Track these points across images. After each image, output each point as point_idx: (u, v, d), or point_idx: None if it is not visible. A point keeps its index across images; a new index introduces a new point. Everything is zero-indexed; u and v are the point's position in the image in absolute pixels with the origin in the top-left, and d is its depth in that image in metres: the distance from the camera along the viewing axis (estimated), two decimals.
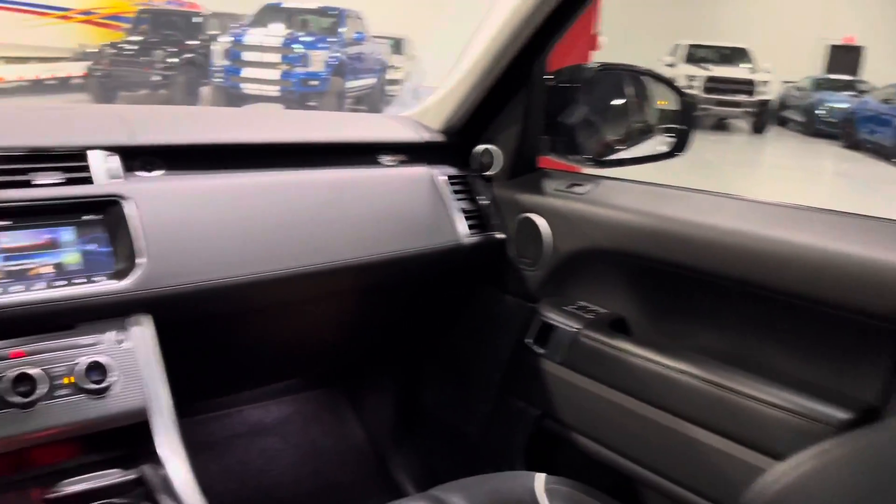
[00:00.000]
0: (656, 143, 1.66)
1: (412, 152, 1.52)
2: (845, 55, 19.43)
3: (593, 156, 1.53)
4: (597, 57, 3.56)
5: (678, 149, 1.56)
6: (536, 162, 1.56)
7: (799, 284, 1.07)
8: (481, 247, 1.49)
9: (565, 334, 1.36)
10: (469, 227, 1.47)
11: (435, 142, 1.56)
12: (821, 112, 15.32)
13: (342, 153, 1.44)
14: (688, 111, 1.59)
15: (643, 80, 1.72)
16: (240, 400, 1.89)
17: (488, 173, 1.56)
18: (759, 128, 15.43)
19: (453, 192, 1.50)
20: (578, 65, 1.53)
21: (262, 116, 2.12)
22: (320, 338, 1.54)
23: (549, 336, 1.40)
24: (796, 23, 18.82)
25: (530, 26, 1.35)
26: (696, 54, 15.89)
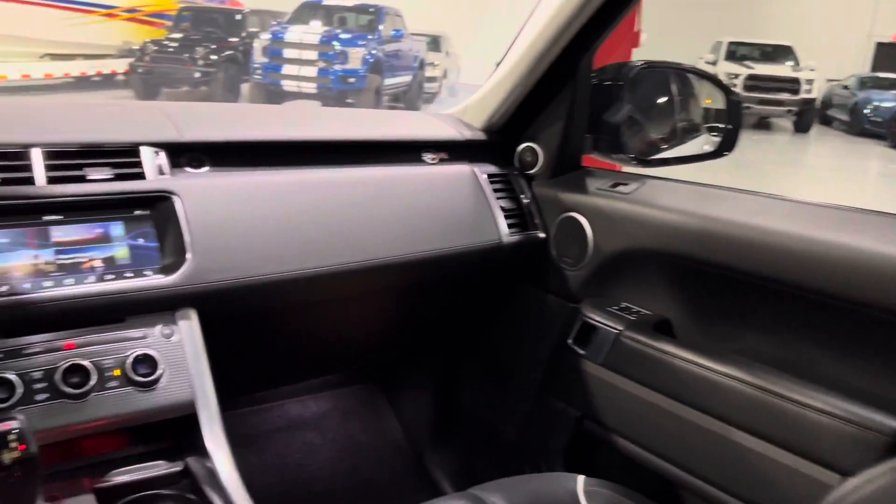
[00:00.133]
0: (702, 143, 1.64)
1: (453, 150, 1.52)
2: (893, 53, 18.91)
3: (637, 155, 1.51)
4: (638, 54, 3.53)
5: (725, 148, 1.53)
6: (580, 160, 1.55)
7: (850, 288, 1.04)
8: (522, 246, 1.48)
9: (607, 335, 1.34)
10: (509, 225, 1.47)
11: (476, 140, 1.55)
12: (867, 111, 14.94)
13: (384, 151, 1.44)
14: (735, 110, 1.56)
15: (689, 77, 1.70)
16: (279, 395, 1.91)
17: (530, 172, 1.55)
18: (803, 127, 15.09)
19: (494, 191, 1.49)
20: (623, 62, 1.52)
21: (305, 114, 2.14)
22: (360, 334, 1.54)
23: (590, 336, 1.38)
24: (842, 20, 18.37)
25: (577, 23, 1.34)
26: (737, 52, 15.60)
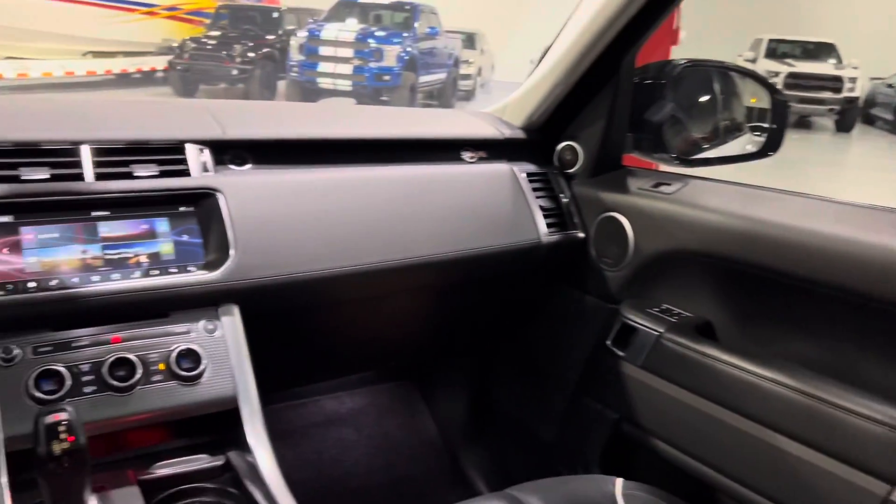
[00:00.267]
0: (744, 143, 1.61)
1: (492, 149, 1.52)
2: None
3: (679, 154, 1.49)
4: (677, 52, 3.48)
5: (770, 148, 1.50)
6: (620, 160, 1.53)
7: None
8: (561, 246, 1.47)
9: (647, 337, 1.33)
10: (548, 225, 1.46)
11: (516, 138, 1.55)
12: None
13: (424, 149, 1.44)
14: (780, 109, 1.53)
15: (731, 76, 1.67)
16: (315, 390, 1.92)
17: (569, 171, 1.54)
18: (846, 126, 14.75)
19: (533, 190, 1.48)
20: (667, 60, 1.50)
21: (345, 112, 2.15)
22: (397, 331, 1.55)
23: (630, 338, 1.37)
24: (885, 17, 17.92)
25: (621, 21, 1.32)
26: (777, 49, 15.30)
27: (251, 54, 11.45)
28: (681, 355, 1.27)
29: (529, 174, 1.50)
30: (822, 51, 15.22)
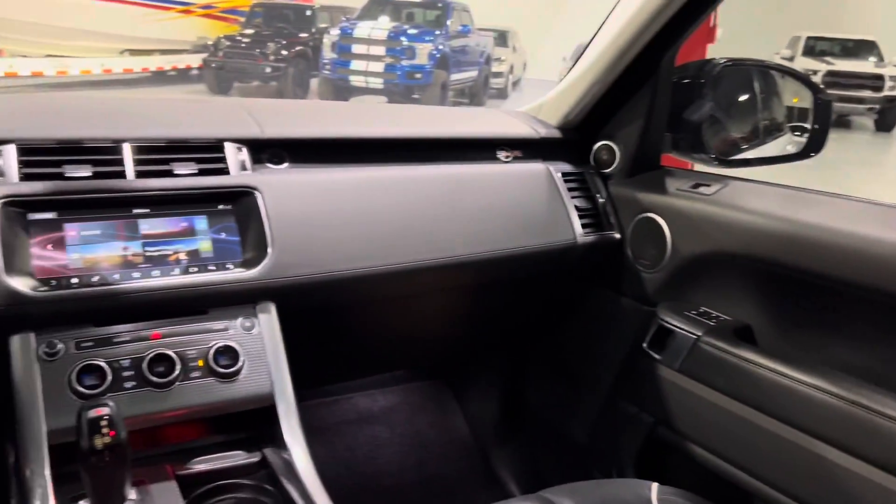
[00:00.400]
0: (785, 143, 1.58)
1: (528, 148, 1.51)
2: None
3: (718, 154, 1.47)
4: (713, 50, 3.43)
5: (812, 149, 1.47)
6: (658, 160, 1.51)
7: None
8: (596, 246, 1.45)
9: (685, 340, 1.31)
10: (584, 225, 1.44)
11: (552, 137, 1.53)
12: None
13: (459, 148, 1.43)
14: (824, 109, 1.50)
15: (772, 75, 1.64)
16: (347, 388, 1.93)
17: (606, 170, 1.52)
18: (886, 125, 14.41)
19: (569, 190, 1.47)
20: (706, 60, 1.47)
21: (380, 111, 2.15)
22: (430, 330, 1.55)
23: (667, 341, 1.35)
24: None
25: (661, 20, 1.30)
26: (815, 47, 15.01)
27: (284, 52, 11.53)
28: (719, 359, 1.25)
29: (565, 174, 1.49)
30: (862, 49, 14.89)
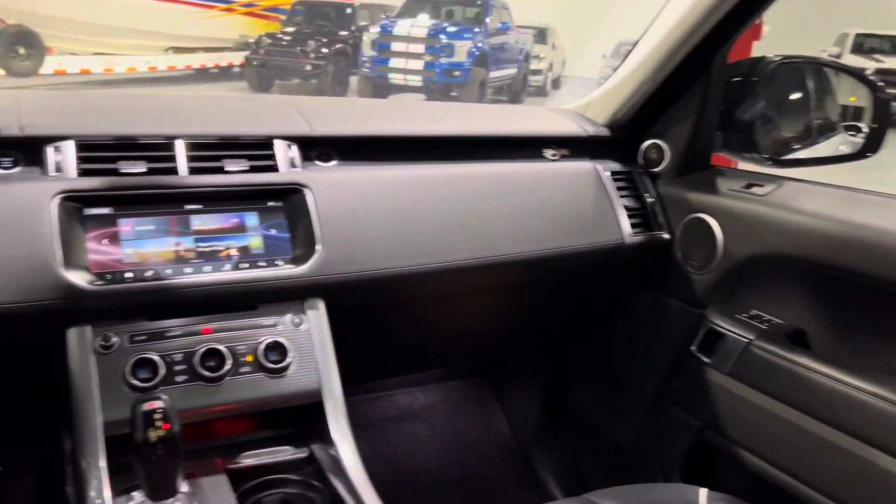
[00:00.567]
0: (839, 142, 1.54)
1: (575, 146, 1.49)
2: None
3: (771, 154, 1.43)
4: (758, 47, 3.36)
5: (869, 149, 1.43)
6: (709, 159, 1.48)
7: None
8: (645, 247, 1.43)
9: (736, 343, 1.28)
10: (633, 225, 1.42)
11: (600, 136, 1.51)
12: None
13: (506, 146, 1.43)
14: (883, 107, 1.46)
15: (825, 72, 1.60)
16: (389, 385, 1.93)
17: (655, 170, 1.50)
18: None
19: (617, 189, 1.45)
20: (758, 57, 1.44)
21: (426, 109, 2.15)
22: (473, 329, 1.54)
23: (716, 344, 1.32)
24: None
25: (714, 17, 1.28)
26: (864, 44, 14.63)
27: (324, 50, 11.61)
28: (771, 364, 1.22)
29: (613, 173, 1.47)
30: None
